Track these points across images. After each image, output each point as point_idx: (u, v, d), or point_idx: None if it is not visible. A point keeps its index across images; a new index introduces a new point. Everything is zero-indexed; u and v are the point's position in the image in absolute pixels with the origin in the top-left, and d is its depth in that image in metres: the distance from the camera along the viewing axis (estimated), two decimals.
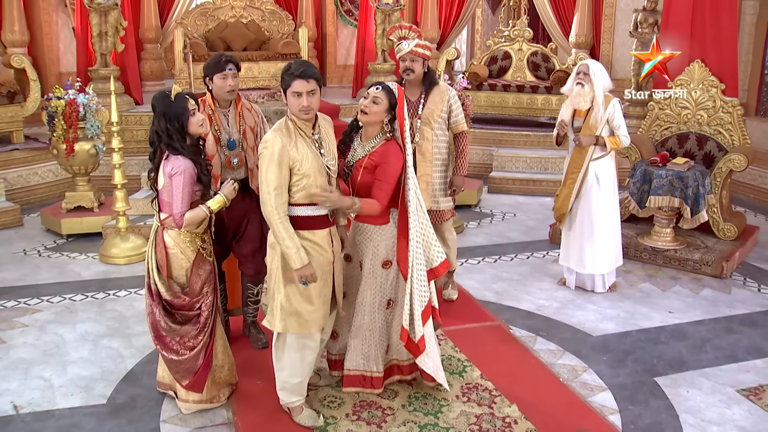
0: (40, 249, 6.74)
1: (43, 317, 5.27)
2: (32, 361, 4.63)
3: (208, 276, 3.87)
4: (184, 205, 3.65)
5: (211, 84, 4.26)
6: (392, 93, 3.75)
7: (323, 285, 3.71)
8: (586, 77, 5.36)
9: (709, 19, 6.98)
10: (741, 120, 6.82)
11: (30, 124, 8.67)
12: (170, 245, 3.78)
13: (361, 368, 4.05)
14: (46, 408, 4.11)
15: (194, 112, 3.66)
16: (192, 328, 3.85)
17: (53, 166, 8.11)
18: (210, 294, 3.88)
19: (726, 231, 6.71)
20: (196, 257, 3.82)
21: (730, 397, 4.29)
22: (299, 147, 3.52)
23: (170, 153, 3.65)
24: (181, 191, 3.62)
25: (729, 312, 5.50)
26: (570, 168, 5.62)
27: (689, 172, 6.19)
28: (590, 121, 5.42)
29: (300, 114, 3.49)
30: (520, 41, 10.43)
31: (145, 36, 10.33)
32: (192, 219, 3.69)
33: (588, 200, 5.55)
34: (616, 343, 4.96)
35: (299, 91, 3.44)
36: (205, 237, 3.91)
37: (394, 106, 3.75)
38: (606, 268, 5.71)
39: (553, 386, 4.35)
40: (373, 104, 3.70)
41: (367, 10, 10.05)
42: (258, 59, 9.66)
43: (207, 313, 3.86)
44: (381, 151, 3.75)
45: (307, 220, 3.61)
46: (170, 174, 3.62)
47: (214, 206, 3.76)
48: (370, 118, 3.72)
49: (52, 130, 6.78)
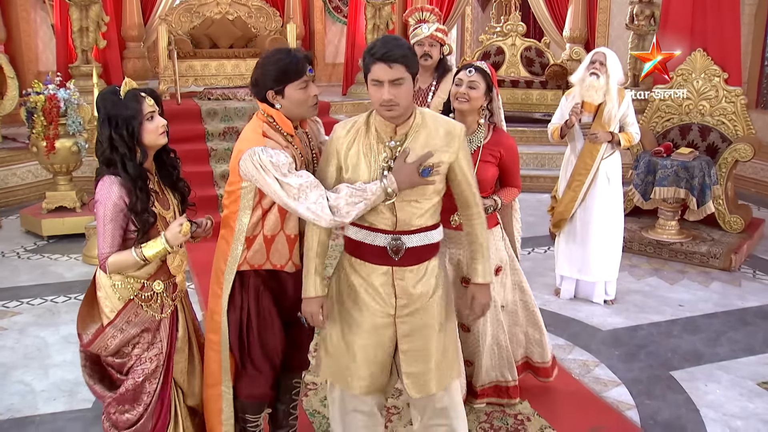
0: (20, 251, 6.46)
1: (23, 320, 5.00)
2: (11, 365, 4.37)
3: (140, 335, 2.80)
4: (107, 245, 2.65)
5: (280, 100, 2.78)
6: (487, 74, 3.36)
7: (372, 343, 2.78)
8: (602, 67, 4.83)
9: (710, 6, 6.84)
10: (745, 109, 6.64)
11: (8, 124, 8.39)
12: (98, 285, 2.82)
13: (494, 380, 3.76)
14: (27, 414, 3.86)
15: (152, 116, 2.69)
16: (106, 394, 2.86)
17: (33, 167, 7.83)
18: (147, 361, 2.81)
19: (732, 223, 6.52)
20: (126, 307, 2.76)
21: (751, 390, 4.09)
22: (360, 148, 2.71)
23: (105, 171, 2.69)
24: (103, 226, 2.65)
25: (741, 304, 5.31)
26: (577, 169, 5.07)
27: (695, 162, 6.01)
28: (603, 117, 4.93)
29: (381, 110, 2.59)
30: (513, 36, 10.28)
31: (127, 34, 10.06)
32: (118, 264, 2.67)
33: (597, 202, 5.07)
34: (627, 337, 4.75)
35: (379, 79, 2.52)
36: (155, 285, 2.81)
37: (491, 87, 3.39)
38: (613, 275, 5.26)
39: (565, 381, 4.13)
40: (471, 90, 3.30)
41: (357, 5, 9.89)
42: (245, 56, 9.43)
43: (133, 385, 2.80)
44: (497, 139, 3.43)
45: (359, 246, 2.75)
46: (95, 200, 2.70)
47: (148, 252, 2.67)
48: (471, 105, 3.32)
49: (32, 126, 6.50)
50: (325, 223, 2.61)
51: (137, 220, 2.68)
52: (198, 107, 8.56)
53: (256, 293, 2.95)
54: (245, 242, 2.87)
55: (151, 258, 2.69)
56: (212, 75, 9.21)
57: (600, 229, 5.11)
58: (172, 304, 2.89)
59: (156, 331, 2.83)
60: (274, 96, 2.77)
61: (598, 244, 5.12)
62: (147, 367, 2.81)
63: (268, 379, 3.06)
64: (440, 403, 2.88)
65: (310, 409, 3.86)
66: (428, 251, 2.75)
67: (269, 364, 3.05)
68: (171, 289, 2.88)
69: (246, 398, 3.07)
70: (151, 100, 2.71)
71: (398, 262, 2.71)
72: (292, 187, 2.62)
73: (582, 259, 5.19)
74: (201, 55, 9.25)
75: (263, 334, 2.99)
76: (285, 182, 2.63)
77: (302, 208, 2.63)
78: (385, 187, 2.57)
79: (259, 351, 3.00)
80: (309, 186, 2.63)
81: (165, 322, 2.86)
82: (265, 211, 2.85)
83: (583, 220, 5.15)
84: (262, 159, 2.64)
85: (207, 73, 9.18)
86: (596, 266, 5.16)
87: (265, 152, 2.66)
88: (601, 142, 4.96)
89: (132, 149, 2.66)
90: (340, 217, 2.60)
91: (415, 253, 2.72)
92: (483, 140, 3.41)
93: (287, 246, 2.93)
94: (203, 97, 9.00)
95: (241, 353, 2.99)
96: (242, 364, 3.02)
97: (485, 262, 2.86)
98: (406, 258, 2.71)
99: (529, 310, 3.78)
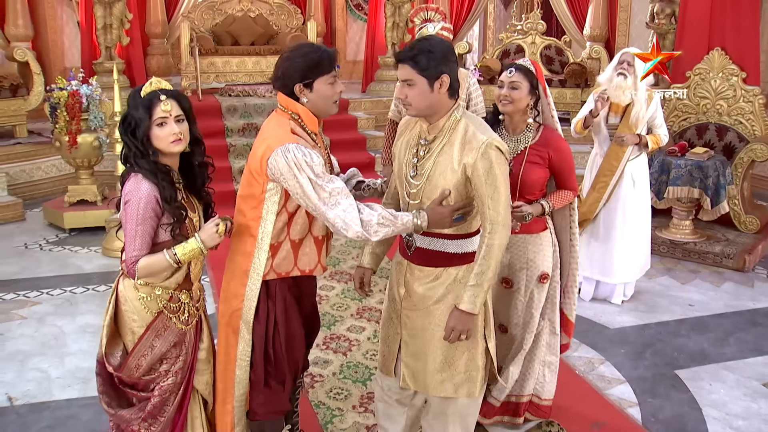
0: (42, 243, 6.60)
1: (43, 309, 5.12)
2: (29, 353, 4.49)
3: (170, 351, 2.72)
4: (137, 246, 2.53)
5: (307, 94, 2.70)
6: (530, 72, 3.24)
7: (386, 323, 2.99)
8: (630, 68, 4.80)
9: (730, 5, 6.78)
10: (763, 109, 6.59)
11: (34, 119, 8.57)
12: (122, 299, 2.68)
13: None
14: (42, 399, 3.97)
15: (163, 122, 2.55)
16: (133, 416, 2.73)
17: (57, 161, 7.99)
18: (173, 375, 2.73)
19: (748, 223, 6.49)
20: (155, 321, 2.68)
21: (755, 391, 4.09)
22: (406, 139, 2.83)
23: (130, 170, 2.62)
24: (134, 227, 2.52)
25: (753, 305, 5.28)
26: (602, 170, 5.07)
27: (709, 162, 5.98)
28: (630, 119, 4.90)
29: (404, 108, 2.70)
30: (533, 34, 10.24)
31: (151, 31, 10.23)
32: (149, 268, 2.55)
33: (621, 204, 5.05)
34: (635, 336, 4.76)
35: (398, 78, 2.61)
36: (182, 295, 2.73)
37: (536, 86, 3.26)
38: (636, 276, 5.26)
39: (568, 378, 4.14)
40: (513, 90, 3.21)
41: (377, 2, 9.93)
42: (266, 53, 9.56)
43: (159, 401, 2.71)
44: (545, 139, 3.28)
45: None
46: (124, 200, 2.58)
47: (182, 254, 2.55)
48: (515, 107, 3.23)
49: (55, 121, 6.64)
50: (352, 233, 2.55)
51: (169, 210, 2.56)
52: (218, 103, 8.70)
53: (283, 303, 2.86)
54: (270, 250, 2.75)
55: (185, 260, 2.57)
56: (233, 72, 9.33)
57: (623, 231, 5.09)
58: (197, 313, 2.81)
59: (182, 344, 2.74)
60: (302, 90, 2.68)
61: (620, 246, 5.10)
62: (173, 381, 2.73)
63: (288, 393, 2.99)
64: (442, 406, 2.92)
65: (316, 400, 3.92)
66: (444, 259, 2.76)
67: (292, 377, 2.99)
68: (197, 297, 2.81)
69: (266, 416, 2.94)
70: (169, 104, 2.56)
71: (411, 258, 2.81)
72: (325, 191, 2.54)
73: (603, 260, 5.16)
74: (222, 52, 9.38)
75: (290, 346, 2.90)
76: (319, 184, 2.54)
77: (332, 213, 2.54)
78: (417, 223, 2.62)
79: (285, 364, 2.89)
80: (340, 193, 2.56)
81: (190, 333, 2.77)
82: (291, 214, 2.75)
83: (607, 222, 5.13)
84: (297, 156, 2.54)
85: (228, 70, 9.31)
86: (618, 268, 5.14)
87: (300, 150, 2.56)
88: (628, 145, 4.94)
89: (142, 151, 2.56)
90: (367, 233, 2.56)
91: (424, 255, 2.77)
92: (530, 141, 3.29)
93: (315, 249, 2.86)
94: (224, 94, 9.13)
95: (265, 369, 2.87)
96: (265, 380, 2.88)
97: (477, 290, 2.63)
98: (416, 256, 2.79)
99: (554, 333, 3.55)
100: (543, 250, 3.37)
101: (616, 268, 5.14)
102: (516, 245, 3.33)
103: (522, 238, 3.34)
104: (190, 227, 2.66)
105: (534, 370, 3.54)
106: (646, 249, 5.30)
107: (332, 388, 4.03)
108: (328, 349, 4.48)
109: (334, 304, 5.19)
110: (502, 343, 3.50)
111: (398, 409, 3.08)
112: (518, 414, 3.60)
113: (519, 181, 3.23)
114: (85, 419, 3.76)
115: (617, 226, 5.10)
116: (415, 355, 2.86)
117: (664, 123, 5.09)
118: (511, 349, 3.49)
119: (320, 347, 4.51)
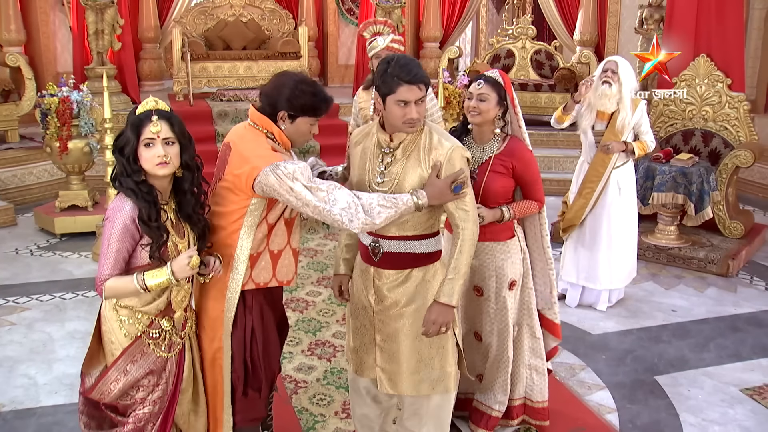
0: (33, 248, 6.64)
1: (32, 315, 5.17)
2: (17, 359, 4.53)
3: (145, 378, 2.63)
4: (108, 265, 2.48)
5: (287, 123, 2.79)
6: (498, 84, 3.31)
7: (359, 327, 3.07)
8: (614, 76, 4.83)
9: (715, 12, 6.83)
10: (748, 115, 6.66)
11: (26, 124, 8.57)
12: (104, 318, 2.63)
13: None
14: (29, 406, 4.01)
15: (150, 143, 2.49)
16: None
17: (48, 166, 8.02)
18: (150, 404, 2.64)
19: (732, 229, 6.55)
20: (132, 345, 2.59)
21: (733, 397, 4.14)
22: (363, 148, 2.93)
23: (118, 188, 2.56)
24: (107, 246, 2.47)
25: (734, 311, 5.35)
26: (588, 176, 5.11)
27: (693, 168, 6.04)
28: (616, 126, 4.93)
29: (404, 127, 2.74)
30: (523, 39, 10.29)
31: (143, 35, 10.26)
32: (115, 290, 2.50)
33: (606, 211, 5.10)
34: (616, 342, 4.82)
35: (407, 100, 2.67)
36: (164, 322, 2.65)
37: (504, 97, 3.33)
38: (622, 283, 5.32)
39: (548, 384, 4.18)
40: (481, 102, 3.28)
41: (367, 8, 9.95)
42: (257, 58, 9.56)
43: (132, 429, 2.63)
44: (510, 150, 3.35)
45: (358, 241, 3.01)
46: (105, 218, 2.56)
47: (151, 281, 2.49)
48: (483, 118, 3.30)
49: (46, 127, 6.68)
50: (358, 223, 2.60)
51: (148, 231, 2.49)
52: (210, 108, 8.75)
53: (260, 311, 2.93)
54: (249, 260, 2.81)
55: (152, 287, 2.50)
56: (225, 76, 9.36)
57: (608, 237, 5.14)
58: (180, 342, 2.74)
59: (161, 372, 2.66)
60: (284, 118, 2.77)
61: (606, 253, 5.15)
62: (150, 410, 2.65)
63: (265, 399, 3.06)
64: (415, 406, 3.02)
65: (299, 406, 3.96)
66: (410, 260, 2.88)
67: (269, 383, 3.07)
68: (180, 326, 2.72)
69: (244, 423, 2.98)
70: (159, 126, 2.49)
71: (378, 263, 2.89)
72: (322, 191, 2.61)
73: (589, 267, 5.21)
74: (214, 56, 9.41)
75: (267, 352, 2.97)
76: (314, 187, 2.61)
77: (336, 209, 2.59)
78: (416, 200, 2.69)
79: (262, 372, 2.96)
80: (335, 188, 2.63)
81: (172, 361, 2.70)
82: (271, 226, 2.83)
83: (593, 228, 5.18)
84: (288, 170, 2.60)
85: (220, 75, 9.33)
86: (603, 274, 5.19)
87: (287, 164, 2.62)
88: (614, 153, 4.99)
89: (127, 170, 2.52)
90: (371, 217, 2.60)
91: (393, 258, 2.87)
92: (495, 150, 3.36)
93: (293, 260, 2.97)
94: (215, 99, 9.17)
95: (244, 377, 2.93)
96: (243, 388, 2.94)
97: (453, 283, 2.79)
98: (384, 261, 2.88)
99: (534, 336, 3.61)
100: (511, 257, 3.44)
101: (602, 275, 5.19)
102: (484, 252, 3.40)
103: (490, 246, 3.42)
104: (174, 253, 2.59)
105: (521, 374, 3.62)
106: (633, 256, 5.35)
107: (315, 394, 4.08)
108: (313, 355, 4.53)
109: (320, 309, 5.23)
110: (479, 351, 3.58)
111: (374, 409, 3.21)
112: (511, 417, 3.69)
113: (482, 189, 3.32)
114: (71, 425, 3.79)
115: (602, 233, 5.15)
116: (390, 359, 2.95)
117: (651, 129, 5.14)
118: (489, 357, 3.55)
119: (305, 353, 4.56)
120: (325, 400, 4.01)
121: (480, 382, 3.64)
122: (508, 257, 3.42)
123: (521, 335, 3.58)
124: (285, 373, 4.26)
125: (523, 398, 3.69)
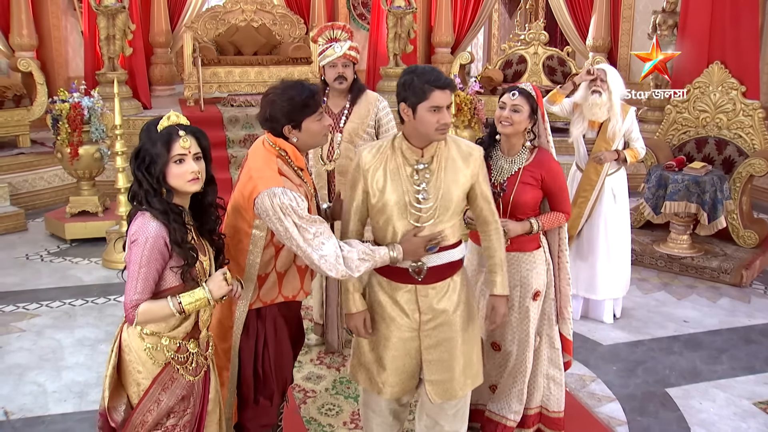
0: (43, 254, 6.66)
1: (41, 322, 5.18)
2: (27, 366, 4.54)
3: (177, 405, 2.54)
4: (138, 290, 2.36)
5: (296, 134, 2.79)
6: (531, 96, 3.33)
7: (400, 354, 2.94)
8: (603, 84, 4.76)
9: (729, 19, 6.78)
10: (762, 123, 6.59)
11: (37, 129, 8.62)
12: (126, 348, 2.51)
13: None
14: (38, 414, 4.02)
15: (181, 159, 2.40)
16: None
17: (59, 171, 8.04)
18: (180, 430, 2.56)
19: (746, 238, 6.48)
20: (162, 373, 2.50)
21: (745, 410, 4.09)
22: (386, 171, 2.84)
23: (138, 208, 2.45)
24: (137, 269, 2.35)
25: (748, 322, 5.28)
26: (582, 185, 5.07)
27: (706, 177, 5.98)
28: (607, 133, 4.90)
29: (436, 134, 2.73)
30: (535, 45, 10.25)
31: (155, 40, 10.30)
32: (149, 314, 2.39)
33: (603, 219, 5.05)
34: (627, 353, 4.77)
35: (440, 105, 2.68)
36: (190, 345, 2.55)
37: (536, 109, 3.35)
38: (620, 292, 5.25)
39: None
40: (515, 113, 3.30)
41: (379, 13, 9.95)
42: (268, 64, 9.55)
43: None
44: (539, 161, 3.38)
45: (385, 266, 2.85)
46: (130, 240, 2.40)
47: (188, 303, 2.41)
48: (515, 129, 3.32)
49: (57, 133, 6.72)
50: (336, 273, 2.63)
51: (180, 253, 2.39)
52: (220, 114, 8.76)
53: (273, 325, 2.97)
54: (257, 281, 2.86)
55: (190, 309, 2.42)
56: (236, 82, 9.36)
57: (606, 246, 5.09)
58: (206, 363, 2.65)
59: (190, 397, 2.57)
60: (291, 130, 2.77)
61: (604, 262, 5.10)
62: None
63: (276, 407, 3.09)
64: (453, 409, 3.06)
65: (307, 416, 3.95)
66: (450, 269, 2.91)
67: (280, 392, 3.10)
68: (204, 346, 2.64)
69: (255, 429, 3.04)
70: (188, 141, 2.39)
71: (422, 282, 2.88)
72: (309, 233, 2.62)
73: (589, 277, 5.16)
74: (225, 62, 9.42)
75: (279, 364, 3.01)
76: (303, 227, 2.62)
77: (317, 255, 2.61)
78: (393, 256, 2.74)
79: (274, 381, 2.99)
80: (323, 233, 2.65)
81: (198, 384, 2.61)
82: (278, 249, 2.86)
83: (590, 238, 5.13)
84: (282, 201, 2.60)
85: (230, 80, 9.34)
86: (603, 284, 5.13)
87: (286, 194, 2.62)
88: (606, 163, 4.96)
89: (156, 189, 2.40)
90: (350, 270, 2.66)
91: (437, 272, 2.88)
92: (524, 162, 3.39)
93: (298, 277, 2.98)
94: (226, 104, 9.17)
95: (255, 385, 2.96)
96: (254, 397, 2.97)
97: (503, 275, 3.03)
98: (428, 277, 2.88)
99: (553, 347, 3.62)
100: (536, 267, 3.45)
101: (601, 284, 5.13)
102: (510, 262, 3.37)
103: (515, 256, 3.42)
104: (200, 271, 2.50)
105: (538, 384, 3.63)
106: (628, 264, 5.28)
107: (324, 404, 4.06)
108: (322, 365, 4.51)
109: None
110: (496, 360, 3.59)
111: (395, 426, 3.21)
112: (526, 425, 3.68)
113: (512, 201, 3.35)
114: None
115: (600, 242, 5.10)
116: (442, 369, 2.96)
117: (641, 136, 5.08)
118: (507, 367, 3.56)
119: (314, 362, 4.54)
120: (333, 410, 3.99)
121: (493, 393, 3.64)
122: (533, 267, 3.44)
123: (540, 345, 3.60)
124: (294, 382, 4.24)
125: (539, 407, 3.69)
